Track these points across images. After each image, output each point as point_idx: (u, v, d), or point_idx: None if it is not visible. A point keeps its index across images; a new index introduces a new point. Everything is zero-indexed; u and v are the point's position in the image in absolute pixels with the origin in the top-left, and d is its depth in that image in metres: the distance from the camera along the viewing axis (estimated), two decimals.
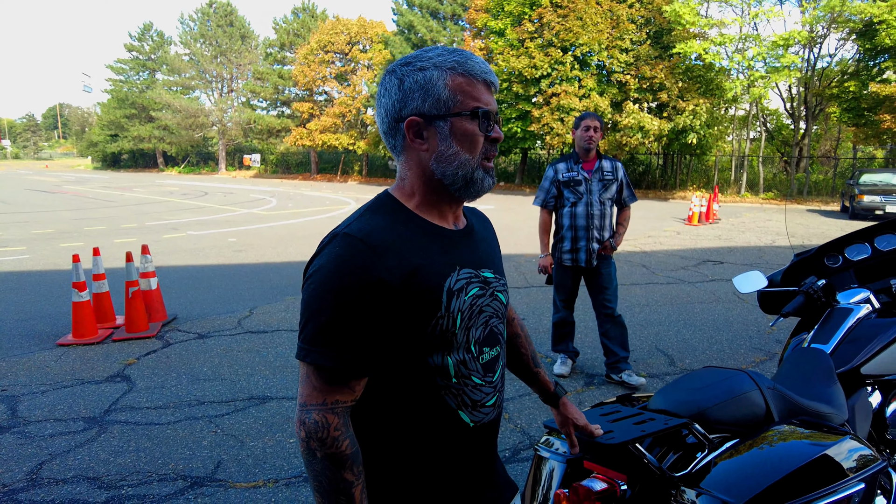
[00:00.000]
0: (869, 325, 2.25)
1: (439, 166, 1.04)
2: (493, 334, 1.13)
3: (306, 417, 0.96)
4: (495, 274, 1.17)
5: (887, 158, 26.75)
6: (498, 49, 26.00)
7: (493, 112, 1.05)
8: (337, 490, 0.96)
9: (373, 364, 0.99)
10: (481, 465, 1.15)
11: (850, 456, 1.60)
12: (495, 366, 1.14)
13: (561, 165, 4.00)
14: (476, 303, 1.09)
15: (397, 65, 1.05)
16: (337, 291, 0.95)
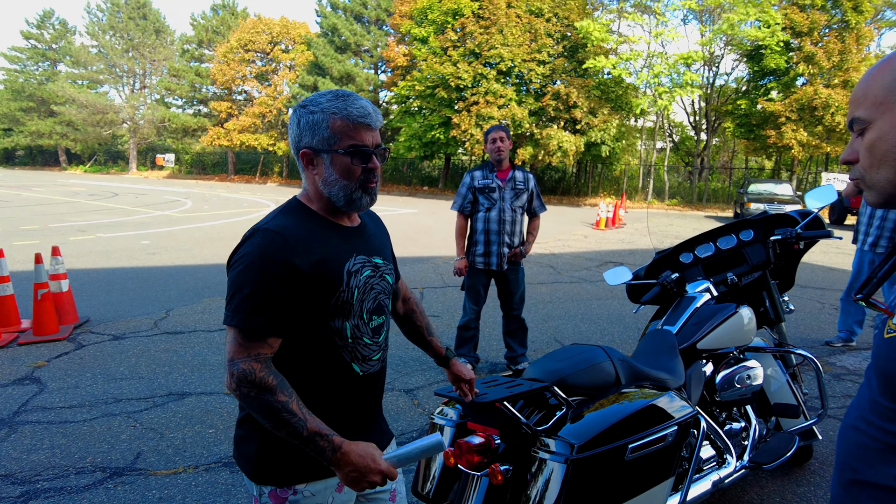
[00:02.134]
0: (706, 310, 2.74)
1: (325, 188, 1.37)
2: (380, 306, 1.48)
3: (234, 369, 1.24)
4: (384, 261, 1.52)
5: (773, 169, 29.43)
6: (422, 56, 26.43)
7: (369, 148, 1.35)
8: (278, 410, 1.23)
9: (286, 326, 1.29)
10: (369, 407, 1.50)
11: (669, 406, 2.04)
12: (381, 330, 1.49)
13: (477, 173, 4.29)
14: (369, 281, 1.43)
15: (298, 106, 1.37)
16: (259, 271, 1.26)
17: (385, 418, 1.62)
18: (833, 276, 8.90)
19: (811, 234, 2.86)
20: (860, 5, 22.02)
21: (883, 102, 0.88)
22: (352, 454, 1.24)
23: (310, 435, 1.23)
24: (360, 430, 1.45)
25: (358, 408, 1.46)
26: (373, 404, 1.51)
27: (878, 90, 0.89)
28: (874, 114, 0.90)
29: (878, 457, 0.93)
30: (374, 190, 1.41)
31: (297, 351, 1.33)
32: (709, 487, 2.34)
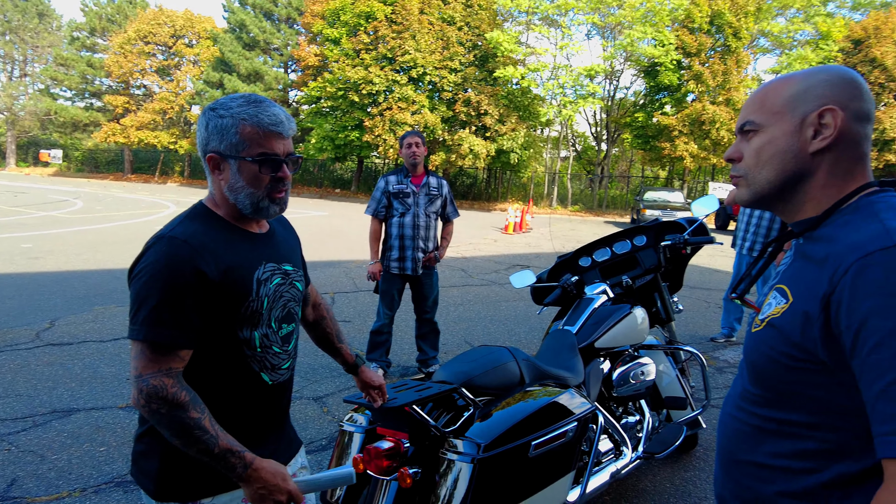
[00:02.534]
0: (604, 311, 2.91)
1: (231, 194, 1.32)
2: (290, 314, 1.46)
3: (143, 385, 1.18)
4: (294, 267, 1.49)
5: (667, 178, 31.61)
6: (333, 57, 26.06)
7: (280, 156, 1.31)
8: (190, 427, 1.18)
9: (196, 337, 1.24)
10: (277, 416, 1.47)
11: (569, 403, 2.15)
12: (291, 338, 1.47)
13: (392, 177, 4.28)
14: (279, 289, 1.40)
15: (207, 108, 1.32)
16: (165, 280, 1.20)
17: (293, 426, 1.60)
18: (717, 277, 9.70)
19: (696, 239, 3.12)
20: (739, 32, 24.24)
21: (779, 112, 1.00)
22: (263, 472, 1.22)
23: (221, 452, 1.20)
24: (268, 440, 1.42)
25: (266, 417, 1.43)
26: (281, 413, 1.49)
27: (776, 100, 1.00)
28: (769, 120, 1.01)
29: (751, 438, 1.04)
30: (283, 200, 1.37)
31: (203, 361, 1.28)
32: (607, 479, 2.48)
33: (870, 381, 0.80)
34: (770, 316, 0.99)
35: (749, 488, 1.04)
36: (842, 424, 0.90)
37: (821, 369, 0.90)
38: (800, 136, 0.97)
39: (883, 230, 0.86)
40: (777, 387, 0.98)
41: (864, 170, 0.99)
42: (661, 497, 2.90)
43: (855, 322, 0.82)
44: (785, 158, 0.99)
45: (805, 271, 0.96)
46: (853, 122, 0.96)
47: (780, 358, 0.95)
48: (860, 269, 0.83)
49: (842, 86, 0.97)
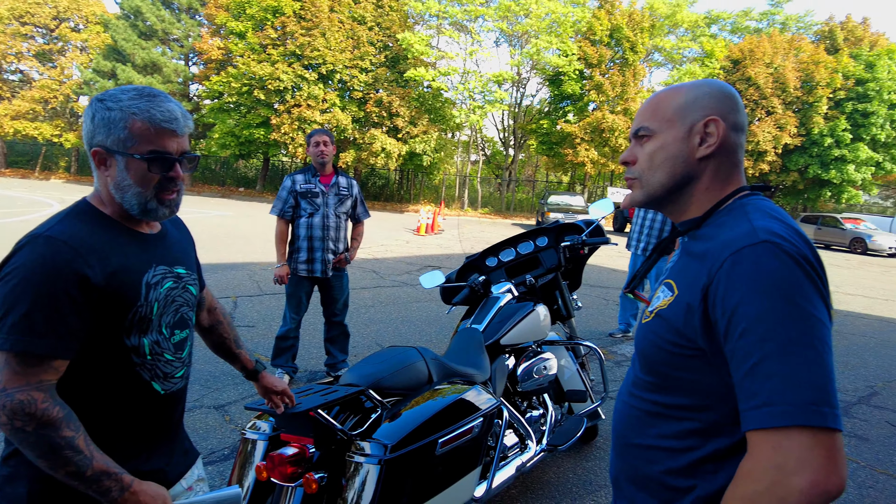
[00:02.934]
0: (509, 309, 3.00)
1: (117, 192, 1.23)
2: (183, 320, 1.37)
3: (7, 400, 1.06)
4: (187, 270, 1.41)
5: (569, 183, 33.10)
6: (238, 51, 25.01)
7: (172, 155, 1.23)
8: (59, 448, 1.08)
9: (74, 347, 1.13)
10: (171, 426, 1.39)
11: (476, 400, 2.19)
12: (184, 345, 1.38)
13: (299, 176, 4.14)
14: (170, 294, 1.32)
15: (95, 99, 1.22)
16: (39, 285, 1.09)
17: (189, 437, 1.51)
18: (615, 276, 10.28)
19: (594, 240, 3.29)
20: (636, 46, 25.88)
21: (669, 119, 1.09)
22: (142, 495, 1.15)
23: (95, 474, 1.11)
24: (161, 452, 1.34)
25: (158, 429, 1.34)
26: (174, 423, 1.41)
27: (668, 108, 1.10)
28: (661, 127, 1.10)
29: (640, 422, 1.12)
30: (174, 202, 1.28)
31: (86, 371, 1.18)
32: (513, 472, 2.55)
33: (738, 362, 0.89)
34: (658, 308, 1.08)
35: (638, 469, 1.12)
36: (717, 405, 0.99)
37: (700, 355, 0.99)
38: (688, 143, 1.07)
39: (751, 229, 0.95)
40: (663, 373, 1.07)
41: (738, 175, 1.11)
42: (564, 487, 3.03)
43: (728, 310, 0.91)
44: (675, 163, 1.08)
45: (689, 266, 1.05)
46: (732, 131, 1.07)
47: (665, 346, 1.04)
48: (732, 263, 0.92)
49: (723, 99, 1.08)
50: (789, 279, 0.88)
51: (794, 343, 0.85)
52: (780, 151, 24.84)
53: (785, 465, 0.82)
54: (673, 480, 1.05)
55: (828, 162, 24.52)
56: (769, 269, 0.89)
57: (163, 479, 1.34)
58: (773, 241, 0.92)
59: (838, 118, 24.40)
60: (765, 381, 0.85)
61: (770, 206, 1.05)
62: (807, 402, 0.83)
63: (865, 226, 20.63)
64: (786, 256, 0.90)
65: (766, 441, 0.84)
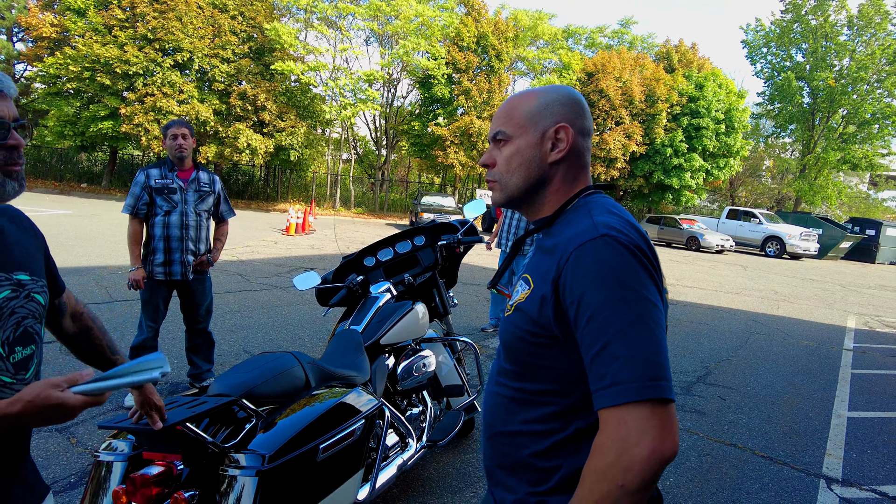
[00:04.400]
0: (388, 308, 2.99)
1: None
2: (27, 334, 1.19)
3: None
4: (32, 276, 1.22)
5: (441, 184, 33.82)
6: (78, 31, 22.37)
7: (6, 121, 1.08)
8: None
9: None
10: (14, 459, 1.19)
11: (356, 402, 2.15)
12: (29, 364, 1.20)
13: (154, 171, 3.78)
14: (8, 305, 1.14)
15: None
16: None
17: (36, 468, 1.31)
18: (485, 274, 10.67)
19: (468, 239, 3.39)
20: (501, 54, 27.08)
21: (523, 125, 1.15)
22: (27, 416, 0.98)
23: None
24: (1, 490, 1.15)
25: None
26: (18, 456, 1.21)
27: (521, 114, 1.16)
28: (516, 132, 1.16)
29: (506, 410, 1.18)
30: (21, 174, 1.12)
31: None
32: (395, 472, 2.54)
33: (587, 347, 0.98)
34: (517, 301, 1.14)
35: (507, 455, 1.18)
36: (573, 389, 1.07)
37: (555, 343, 1.06)
38: (541, 148, 1.15)
39: (592, 224, 1.05)
40: (524, 361, 1.13)
41: (585, 176, 1.20)
42: (445, 482, 3.08)
43: (575, 300, 0.99)
44: (530, 167, 1.16)
45: (542, 261, 1.12)
46: (580, 136, 1.17)
47: (525, 336, 1.11)
48: (577, 256, 1.01)
49: (571, 105, 1.17)
50: (625, 267, 0.98)
51: (631, 325, 0.94)
52: (628, 158, 27.31)
53: (628, 437, 0.91)
54: (539, 462, 1.11)
55: (669, 169, 27.41)
56: (607, 259, 0.98)
57: None
58: (611, 235, 1.01)
59: (676, 130, 27.38)
60: (610, 362, 0.94)
61: (609, 202, 1.15)
62: (644, 378, 0.92)
63: (699, 226, 23.39)
64: (621, 247, 0.99)
65: (613, 417, 0.93)
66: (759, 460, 3.71)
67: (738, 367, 5.85)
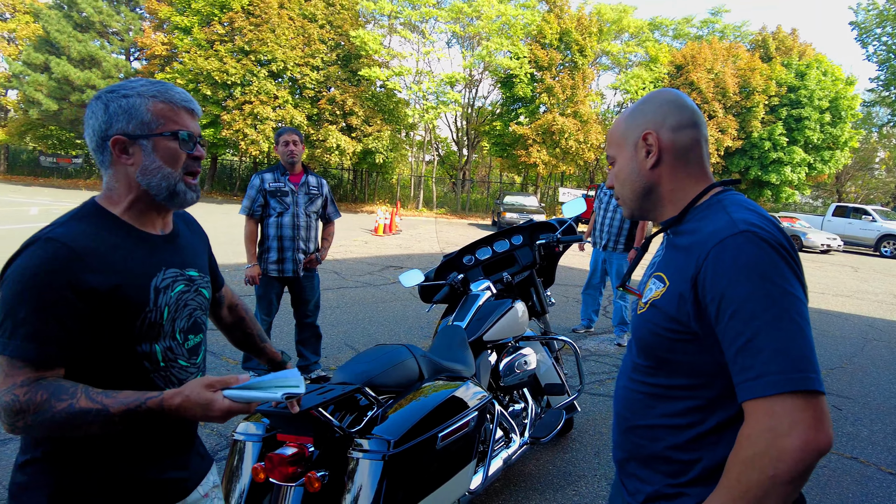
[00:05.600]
0: (488, 306, 3.06)
1: (144, 178, 1.20)
2: (196, 324, 1.34)
3: (2, 403, 1.03)
4: (200, 273, 1.37)
5: (522, 184, 33.59)
6: (184, 47, 24.18)
7: (194, 134, 1.24)
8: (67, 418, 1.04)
9: (69, 354, 1.09)
10: (187, 433, 1.35)
11: (469, 395, 2.23)
12: (199, 350, 1.35)
13: (268, 175, 4.06)
14: (182, 298, 1.28)
15: (103, 92, 1.20)
16: (35, 290, 1.05)
17: (202, 442, 1.48)
18: (573, 274, 10.53)
19: (567, 238, 3.39)
20: (585, 50, 26.50)
21: (619, 144, 1.26)
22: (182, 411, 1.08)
23: (122, 417, 1.05)
24: (180, 459, 1.31)
25: (176, 436, 1.31)
26: (191, 430, 1.37)
27: (616, 136, 1.27)
28: (617, 152, 1.27)
29: (642, 405, 1.21)
30: (197, 186, 1.28)
31: (100, 381, 1.13)
32: (501, 465, 2.61)
33: (730, 341, 0.99)
34: (652, 298, 1.18)
35: (643, 447, 1.21)
36: (713, 383, 1.09)
37: (694, 339, 1.08)
38: (637, 158, 1.22)
39: (730, 221, 1.06)
40: (661, 357, 1.16)
41: (702, 170, 1.22)
42: (545, 478, 3.11)
43: (717, 295, 1.01)
44: (634, 179, 1.24)
45: (676, 259, 1.15)
46: (673, 133, 1.20)
47: (661, 332, 1.13)
48: (717, 253, 1.03)
49: (654, 111, 1.22)
50: (768, 263, 0.99)
51: (777, 319, 0.95)
52: (722, 154, 25.98)
53: (778, 428, 0.92)
54: (678, 454, 1.14)
55: (766, 164, 25.81)
56: (750, 255, 1.00)
57: (183, 485, 1.32)
58: (752, 231, 1.02)
59: (775, 123, 25.72)
60: (756, 354, 0.95)
61: (744, 199, 1.16)
62: (794, 370, 0.93)
63: (801, 224, 21.84)
64: (763, 243, 1.00)
65: (761, 408, 0.94)
66: (887, 477, 3.45)
67: (853, 376, 5.45)
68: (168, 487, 1.28)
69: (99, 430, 1.06)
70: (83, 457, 1.15)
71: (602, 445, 3.57)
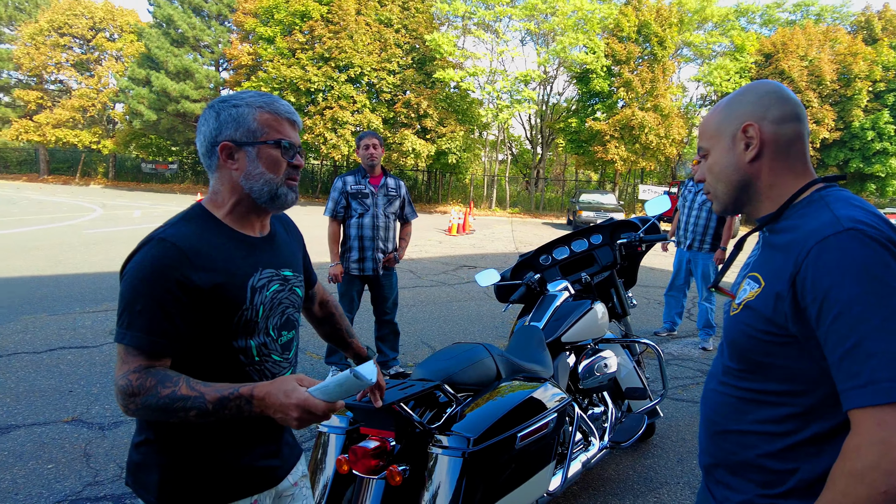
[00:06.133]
0: (567, 307, 3.02)
1: (248, 182, 1.29)
2: (289, 321, 1.42)
3: (116, 388, 1.16)
4: (294, 272, 1.45)
5: (599, 181, 32.78)
6: (268, 56, 25.41)
7: (295, 144, 1.33)
8: (168, 404, 1.13)
9: (176, 346, 1.19)
10: (278, 425, 1.41)
11: (548, 396, 2.22)
12: (291, 345, 1.43)
13: (350, 178, 4.24)
14: (276, 297, 1.36)
15: (216, 101, 1.30)
16: (148, 285, 1.16)
17: (292, 432, 1.56)
18: (654, 275, 10.17)
19: (651, 237, 3.29)
20: (665, 41, 25.50)
21: (714, 136, 1.20)
22: (269, 397, 1.14)
23: (216, 406, 1.14)
24: (273, 449, 1.39)
25: (269, 427, 1.38)
26: None
27: (711, 127, 1.21)
28: (711, 144, 1.21)
29: (734, 409, 1.16)
30: (296, 190, 1.37)
31: (199, 371, 1.23)
32: (580, 468, 2.57)
33: (834, 345, 0.93)
34: (746, 299, 1.12)
35: (733, 454, 1.16)
36: (813, 389, 1.03)
37: (791, 341, 1.03)
38: (735, 151, 1.16)
39: (834, 218, 1.00)
40: (755, 360, 1.11)
41: (804, 165, 1.15)
42: (625, 484, 3.04)
43: (818, 296, 0.95)
44: (729, 171, 1.18)
45: (772, 258, 1.09)
46: (776, 126, 1.13)
47: (757, 334, 1.08)
48: (819, 251, 0.97)
49: (755, 102, 1.15)
50: (878, 262, 0.92)
51: (887, 321, 0.89)
52: (817, 146, 24.23)
53: (890, 440, 0.85)
54: (771, 463, 1.08)
55: (869, 155, 23.83)
56: (856, 254, 0.93)
57: (274, 473, 1.40)
58: (857, 228, 0.96)
59: (880, 110, 23.67)
60: (865, 360, 0.89)
61: (849, 195, 1.09)
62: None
63: None
64: (872, 241, 0.94)
65: (871, 417, 0.88)
66: None
67: None
68: (262, 475, 1.36)
69: (195, 417, 1.14)
70: (187, 441, 1.26)
71: (686, 452, 3.44)
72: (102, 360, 4.52)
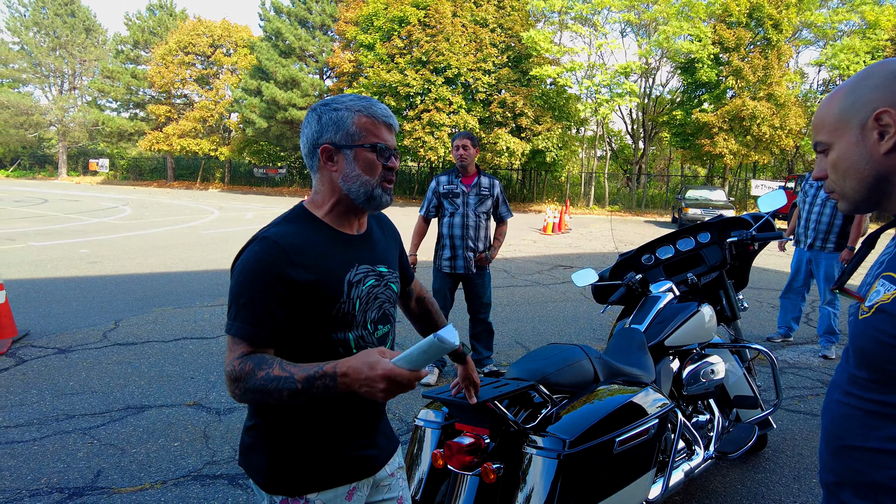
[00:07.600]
0: (671, 309, 2.88)
1: (345, 184, 1.35)
2: (385, 315, 1.47)
3: (225, 375, 1.25)
4: (389, 269, 1.50)
5: (707, 176, 30.93)
6: (368, 62, 26.33)
7: (390, 147, 1.37)
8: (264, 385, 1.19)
9: (277, 336, 1.27)
10: (377, 415, 1.49)
11: (649, 401, 2.13)
12: (387, 339, 1.48)
13: (443, 178, 4.35)
14: (373, 291, 1.42)
15: (318, 105, 1.37)
16: (251, 280, 1.25)
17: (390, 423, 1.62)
18: (767, 276, 9.45)
19: (764, 235, 3.06)
20: (780, 24, 23.54)
21: (837, 128, 1.06)
22: (351, 372, 1.15)
23: (304, 385, 1.17)
24: (372, 438, 1.45)
25: (369, 416, 1.45)
26: (380, 412, 1.51)
27: (832, 118, 1.07)
28: (832, 137, 1.07)
29: (861, 424, 1.05)
30: (392, 191, 1.41)
31: (302, 360, 1.29)
32: (682, 477, 2.45)
33: None
34: (879, 302, 1.01)
35: (863, 474, 1.04)
36: None
37: None
38: (866, 143, 1.02)
39: None
40: (888, 370, 0.99)
41: None
42: (732, 498, 2.85)
43: None
44: (859, 166, 1.04)
45: None
46: None
47: (890, 341, 0.97)
48: None
49: (888, 85, 1.00)
50: None
51: None
52: None
53: None
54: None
55: None
56: None
57: (373, 462, 1.45)
58: None
59: None
60: None
61: None
62: None
63: None
64: None
65: None
66: None
67: None
68: (360, 463, 1.42)
69: (289, 398, 1.19)
70: (291, 428, 1.34)
71: (803, 469, 3.17)
72: (218, 351, 4.91)
